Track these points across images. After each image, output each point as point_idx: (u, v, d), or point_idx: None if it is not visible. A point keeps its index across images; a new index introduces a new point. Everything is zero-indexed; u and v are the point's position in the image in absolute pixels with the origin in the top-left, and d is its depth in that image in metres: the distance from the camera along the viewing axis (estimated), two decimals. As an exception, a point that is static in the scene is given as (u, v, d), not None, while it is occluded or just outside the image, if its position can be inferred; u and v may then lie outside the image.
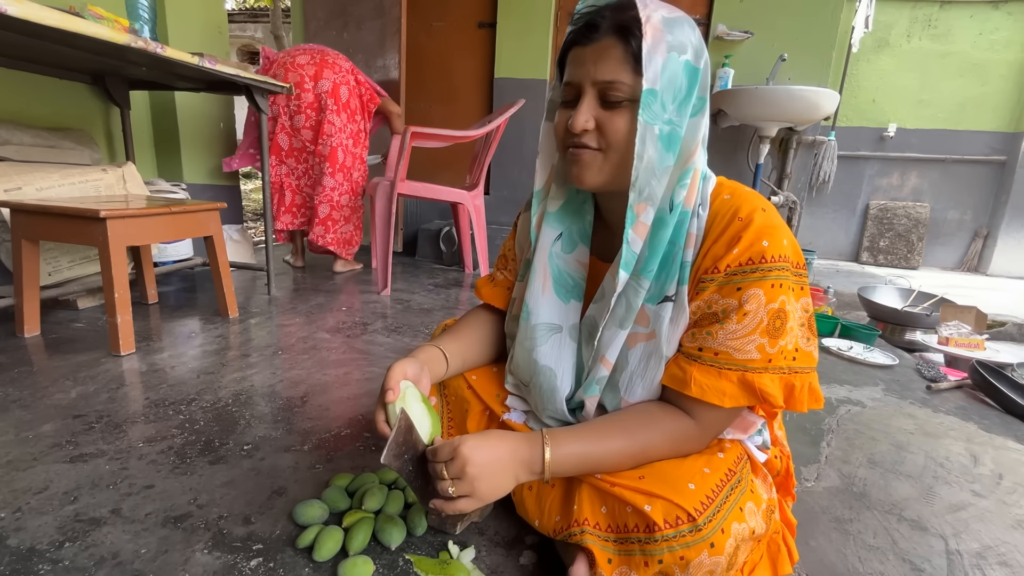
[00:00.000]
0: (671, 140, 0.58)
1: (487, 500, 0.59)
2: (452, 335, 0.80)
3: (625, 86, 0.57)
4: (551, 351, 0.70)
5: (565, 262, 0.72)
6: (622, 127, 0.58)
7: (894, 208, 4.04)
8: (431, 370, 0.72)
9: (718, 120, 3.04)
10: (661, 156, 0.58)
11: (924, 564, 0.78)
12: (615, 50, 0.57)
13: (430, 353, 0.74)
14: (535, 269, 0.72)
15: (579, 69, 0.59)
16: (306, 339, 1.59)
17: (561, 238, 0.72)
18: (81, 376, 1.23)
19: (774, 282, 0.57)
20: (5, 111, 1.74)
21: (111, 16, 1.32)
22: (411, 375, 0.67)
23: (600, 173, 0.61)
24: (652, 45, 0.55)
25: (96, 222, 1.28)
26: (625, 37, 0.56)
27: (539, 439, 0.61)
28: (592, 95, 0.59)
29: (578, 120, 0.58)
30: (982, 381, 1.48)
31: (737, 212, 0.59)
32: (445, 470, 0.58)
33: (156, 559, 0.68)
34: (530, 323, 0.72)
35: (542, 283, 0.72)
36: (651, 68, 0.55)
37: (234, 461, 0.92)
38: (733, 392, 0.58)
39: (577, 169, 0.62)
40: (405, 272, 2.70)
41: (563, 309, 0.71)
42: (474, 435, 0.60)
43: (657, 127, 0.57)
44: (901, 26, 3.85)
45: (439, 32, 3.28)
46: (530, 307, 0.72)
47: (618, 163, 0.60)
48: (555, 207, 0.72)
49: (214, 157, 2.60)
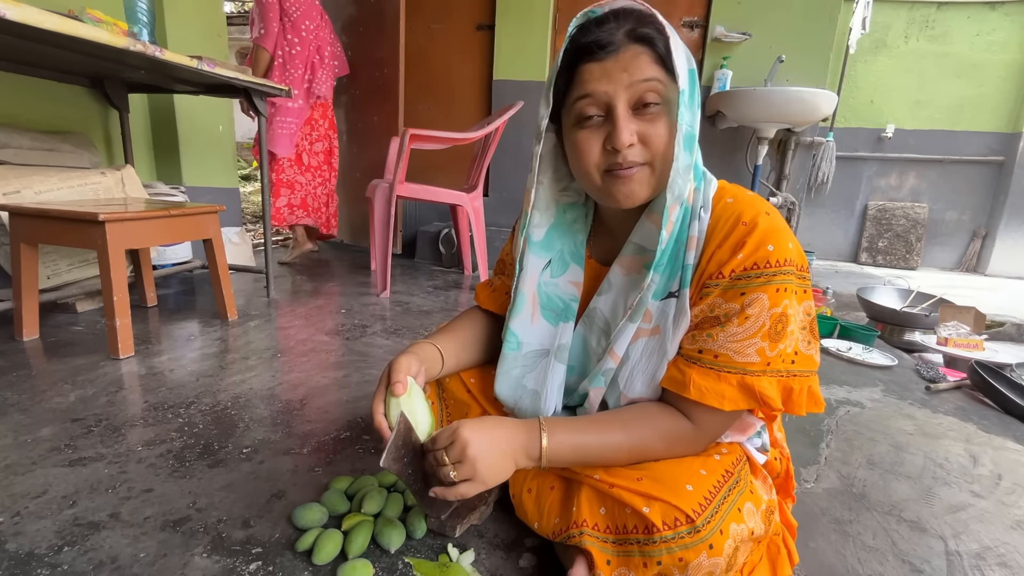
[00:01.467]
0: (691, 140, 0.59)
1: (489, 483, 0.59)
2: (448, 334, 0.79)
3: (661, 85, 0.57)
4: (537, 376, 0.71)
5: (555, 286, 0.72)
6: (663, 133, 0.57)
7: (892, 209, 4.04)
8: (428, 369, 0.72)
9: (716, 121, 3.05)
10: (687, 156, 0.58)
11: (924, 565, 0.78)
12: (643, 56, 0.56)
13: (428, 351, 0.73)
14: (523, 298, 0.72)
15: (603, 82, 0.57)
16: (305, 341, 1.59)
17: (551, 264, 0.72)
18: (80, 380, 1.23)
19: (779, 286, 0.57)
20: (4, 114, 1.74)
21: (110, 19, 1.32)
22: (414, 372, 0.67)
23: (648, 187, 0.60)
24: (676, 45, 0.56)
25: (95, 225, 1.28)
26: (648, 43, 0.56)
27: (536, 426, 0.62)
28: (625, 107, 0.57)
29: (623, 136, 0.56)
30: (981, 381, 1.48)
31: (741, 217, 0.59)
32: (445, 455, 0.58)
33: (155, 563, 0.68)
34: (521, 352, 0.72)
35: (531, 312, 0.72)
36: (680, 68, 0.56)
37: (233, 464, 0.92)
38: (732, 395, 0.58)
39: (627, 188, 0.59)
40: (404, 274, 2.70)
41: (552, 332, 0.71)
42: (472, 420, 0.60)
43: (685, 127, 0.57)
44: (898, 27, 3.86)
45: (438, 34, 3.28)
46: (520, 337, 0.72)
47: (661, 171, 0.60)
48: (540, 235, 0.71)
49: (213, 160, 2.60)
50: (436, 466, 0.59)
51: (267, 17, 2.44)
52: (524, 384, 0.71)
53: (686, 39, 3.04)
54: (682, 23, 3.04)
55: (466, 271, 2.80)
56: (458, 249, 2.83)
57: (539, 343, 0.71)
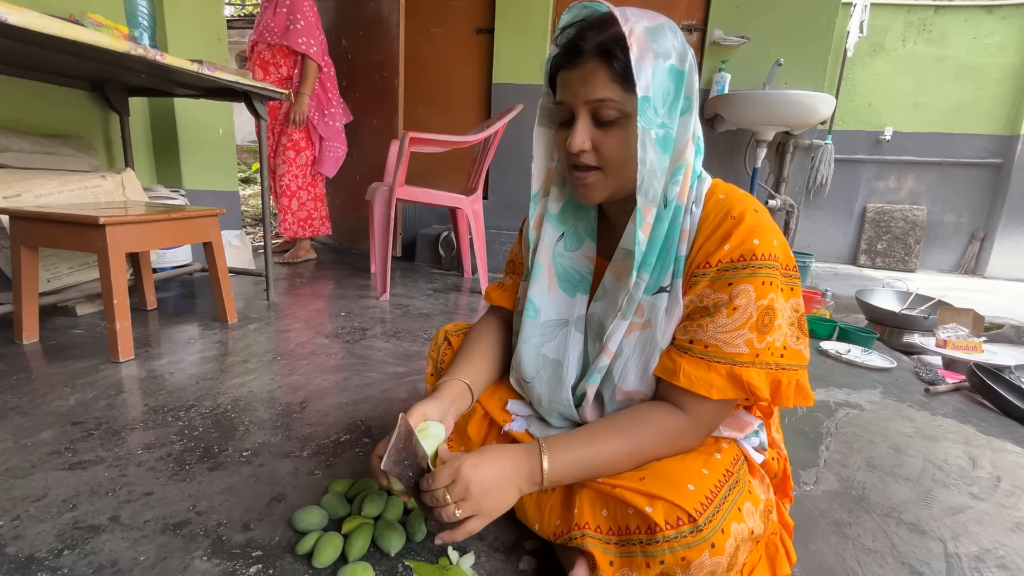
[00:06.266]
0: (666, 142, 0.61)
1: (493, 516, 0.59)
2: (468, 361, 0.78)
3: (615, 103, 0.59)
4: (558, 345, 0.72)
5: (570, 259, 0.74)
6: (616, 145, 0.61)
7: (891, 211, 4.05)
8: (458, 408, 0.71)
9: (715, 124, 3.06)
10: (659, 158, 0.60)
11: (923, 567, 0.78)
12: (601, 72, 0.58)
13: (456, 389, 0.72)
14: (539, 268, 0.74)
15: (569, 91, 0.62)
16: (305, 344, 1.59)
17: (564, 237, 0.74)
18: (80, 383, 1.23)
19: (764, 279, 0.59)
20: (4, 118, 1.74)
21: (111, 24, 1.32)
22: (435, 416, 0.67)
23: (604, 190, 0.65)
24: (639, 55, 0.57)
25: (95, 229, 1.28)
26: (608, 59, 0.58)
27: (536, 450, 0.62)
28: (585, 115, 0.61)
29: (575, 141, 0.61)
30: (980, 384, 1.48)
31: (730, 211, 0.62)
32: (447, 494, 0.57)
33: (155, 566, 0.68)
34: (539, 320, 0.73)
35: (548, 282, 0.74)
36: (642, 77, 0.57)
37: (233, 467, 0.92)
38: (721, 384, 0.60)
39: (583, 188, 0.65)
40: (404, 277, 2.70)
41: (569, 303, 0.73)
42: (471, 454, 0.60)
43: (653, 131, 0.59)
44: (896, 30, 3.88)
45: (437, 38, 3.29)
46: (537, 305, 0.73)
47: (618, 176, 0.63)
48: (556, 208, 0.74)
49: (213, 163, 2.61)
50: (438, 506, 0.58)
51: (319, 29, 2.56)
52: (544, 354, 0.72)
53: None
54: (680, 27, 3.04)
55: (466, 274, 2.81)
56: (458, 252, 2.83)
57: (557, 313, 0.73)
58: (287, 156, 2.68)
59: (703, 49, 3.02)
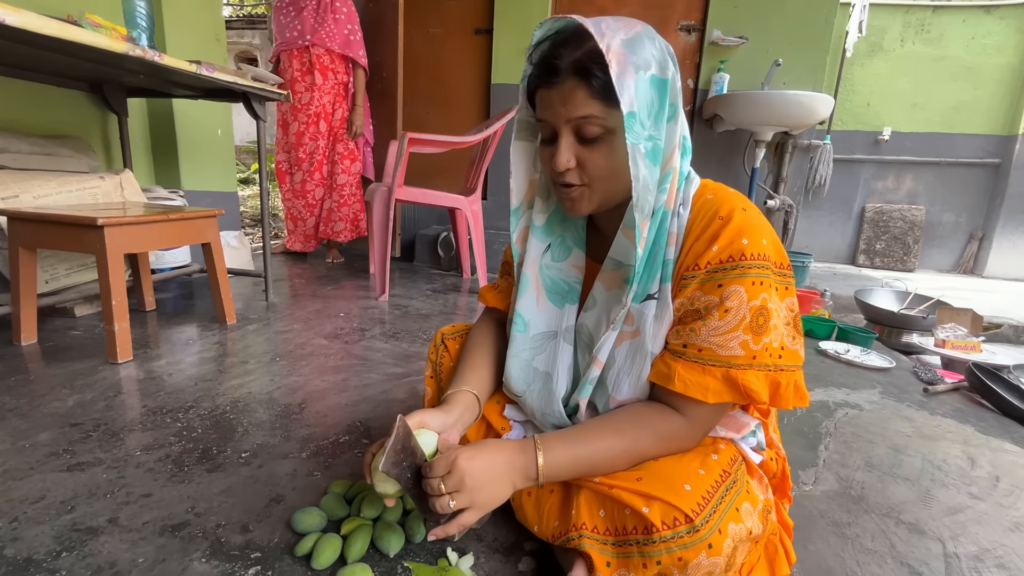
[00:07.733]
0: (655, 153, 0.60)
1: (487, 509, 0.59)
2: (474, 369, 0.76)
3: (598, 119, 0.58)
4: (547, 358, 0.72)
5: (559, 270, 0.73)
6: (602, 161, 0.60)
7: (890, 211, 4.06)
8: (465, 422, 0.70)
9: (714, 124, 3.06)
10: (651, 171, 0.60)
11: (922, 567, 0.78)
12: (580, 91, 0.57)
13: (465, 401, 0.71)
14: (527, 281, 0.73)
15: (549, 110, 0.60)
16: (304, 345, 1.59)
17: (551, 248, 0.73)
18: (78, 384, 1.23)
19: (755, 279, 0.58)
20: (3, 119, 1.74)
21: (109, 24, 1.32)
22: (434, 426, 0.65)
23: (591, 203, 0.64)
24: (620, 71, 0.55)
25: (93, 230, 1.28)
26: (587, 77, 0.56)
27: (531, 445, 0.62)
28: (568, 133, 0.60)
29: (560, 160, 0.60)
30: (979, 383, 1.48)
31: (718, 211, 0.61)
32: (443, 484, 0.58)
33: (154, 568, 0.68)
34: (528, 334, 0.73)
35: (536, 294, 0.73)
36: (626, 94, 0.55)
37: (232, 469, 0.92)
38: (717, 388, 0.59)
39: (569, 203, 0.64)
40: (403, 277, 2.70)
41: (558, 314, 0.72)
42: (468, 446, 0.60)
43: (642, 145, 0.58)
44: (894, 31, 3.89)
45: (436, 38, 3.29)
46: (526, 319, 0.73)
47: (604, 190, 0.63)
48: (541, 220, 0.73)
49: (212, 164, 2.61)
50: (434, 496, 0.58)
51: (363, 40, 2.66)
52: (535, 367, 0.72)
53: (683, 43, 3.05)
54: (679, 27, 3.05)
55: (465, 274, 2.81)
56: (457, 252, 2.83)
57: (546, 325, 0.73)
58: (344, 165, 2.75)
59: (702, 49, 3.02)
